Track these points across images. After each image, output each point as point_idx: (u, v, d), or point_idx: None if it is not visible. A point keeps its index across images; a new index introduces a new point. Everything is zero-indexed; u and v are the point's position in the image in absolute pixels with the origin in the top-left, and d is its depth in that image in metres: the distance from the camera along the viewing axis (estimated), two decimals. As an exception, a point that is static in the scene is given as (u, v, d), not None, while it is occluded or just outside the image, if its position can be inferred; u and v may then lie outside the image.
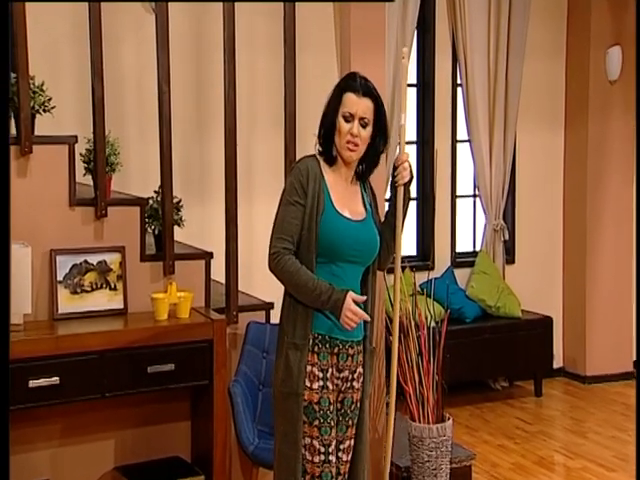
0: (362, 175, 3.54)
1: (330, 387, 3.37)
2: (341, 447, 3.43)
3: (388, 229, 3.55)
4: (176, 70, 4.78)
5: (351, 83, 3.39)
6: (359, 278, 3.47)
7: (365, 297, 3.41)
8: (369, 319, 3.41)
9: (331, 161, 3.44)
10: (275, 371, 3.42)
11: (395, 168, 3.53)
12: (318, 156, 3.44)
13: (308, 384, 3.34)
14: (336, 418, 3.42)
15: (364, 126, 3.37)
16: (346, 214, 3.41)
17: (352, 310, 3.28)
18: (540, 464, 5.58)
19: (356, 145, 3.37)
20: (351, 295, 3.30)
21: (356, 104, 3.36)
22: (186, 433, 4.66)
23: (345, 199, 3.45)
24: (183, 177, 5.55)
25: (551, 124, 7.46)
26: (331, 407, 3.37)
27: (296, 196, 3.32)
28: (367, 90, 3.38)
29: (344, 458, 3.45)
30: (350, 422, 3.48)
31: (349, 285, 3.39)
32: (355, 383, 3.47)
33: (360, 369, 3.49)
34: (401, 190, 3.52)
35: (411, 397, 4.81)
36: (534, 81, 7.32)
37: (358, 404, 3.50)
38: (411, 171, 3.53)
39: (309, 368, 3.34)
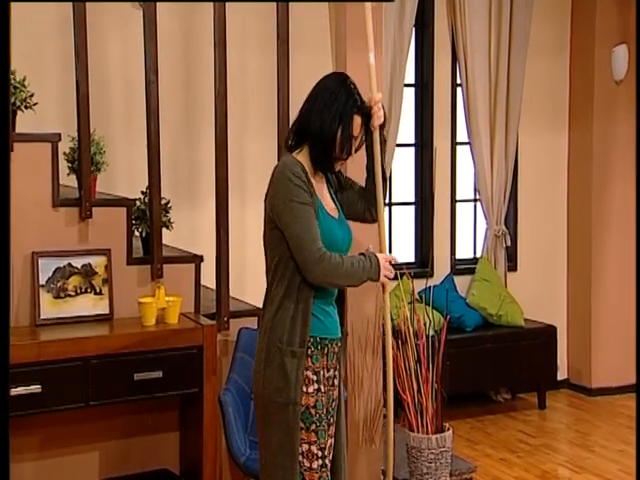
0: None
1: (322, 389, 3.40)
2: None
3: (372, 183, 3.67)
4: (165, 68, 4.79)
5: (361, 105, 3.45)
6: None
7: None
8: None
9: (322, 170, 3.48)
10: (264, 380, 3.37)
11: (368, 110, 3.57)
12: (299, 158, 3.41)
13: (304, 389, 3.35)
14: None
15: None
16: (331, 213, 3.47)
17: (387, 259, 3.49)
18: (544, 478, 5.56)
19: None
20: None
21: (360, 127, 3.48)
22: (174, 444, 4.66)
23: (324, 198, 3.50)
24: (172, 177, 5.52)
25: (554, 125, 7.47)
26: (324, 409, 3.40)
27: (306, 196, 3.30)
28: (366, 112, 3.49)
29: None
30: (332, 420, 3.48)
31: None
32: (335, 380, 3.53)
33: (337, 364, 3.55)
34: (377, 133, 3.60)
35: (409, 406, 4.80)
36: (537, 81, 7.32)
37: (337, 400, 3.54)
38: (385, 112, 3.61)
39: (305, 373, 3.36)
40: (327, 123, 3.36)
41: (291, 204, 3.28)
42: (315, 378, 3.38)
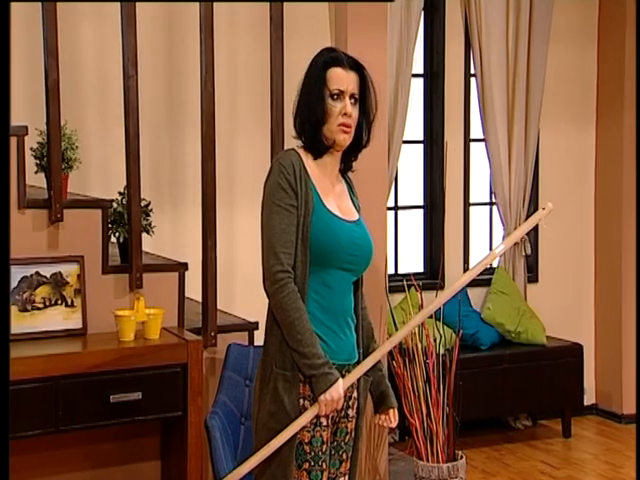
0: (346, 165, 3.54)
1: (324, 423, 3.33)
2: None
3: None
4: (145, 55, 4.81)
5: (335, 56, 3.39)
6: (351, 291, 3.47)
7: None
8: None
9: (319, 152, 3.41)
10: (258, 403, 3.38)
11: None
12: (298, 149, 3.43)
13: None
14: (329, 452, 3.39)
15: (354, 103, 3.39)
16: (337, 213, 3.40)
17: (340, 395, 3.28)
18: (569, 514, 5.58)
19: (349, 126, 3.37)
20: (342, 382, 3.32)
21: (345, 79, 3.36)
22: (155, 474, 4.65)
23: (333, 196, 3.44)
24: (153, 176, 5.56)
25: (580, 120, 7.50)
26: (324, 447, 3.33)
27: (287, 198, 3.29)
28: (354, 63, 3.40)
29: None
30: (344, 456, 3.46)
31: (342, 298, 3.40)
32: (350, 411, 3.45)
33: (355, 394, 3.46)
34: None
35: (418, 432, 4.81)
36: (560, 70, 7.35)
37: (353, 434, 3.49)
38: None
39: (301, 402, 3.30)
40: (305, 92, 3.39)
41: (269, 205, 3.31)
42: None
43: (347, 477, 3.48)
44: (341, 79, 3.36)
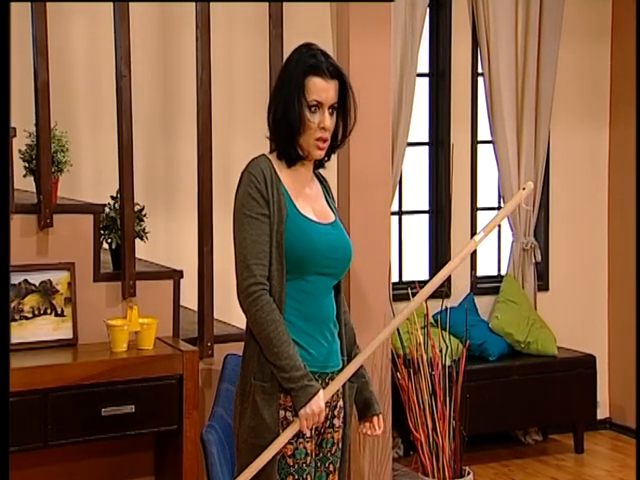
0: (319, 164, 3.57)
1: (307, 434, 3.36)
2: None
3: None
4: (138, 53, 4.82)
5: (314, 63, 3.35)
6: (332, 295, 3.51)
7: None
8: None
9: (292, 161, 3.44)
10: (239, 418, 3.41)
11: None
12: (269, 155, 3.45)
13: (280, 432, 3.32)
14: (314, 465, 3.42)
15: (332, 113, 3.40)
16: (312, 217, 3.44)
17: (321, 408, 3.30)
18: (581, 533, 5.59)
19: (325, 141, 3.40)
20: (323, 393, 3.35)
21: (325, 90, 3.35)
22: (149, 490, 4.68)
23: (308, 200, 3.48)
24: (146, 180, 5.59)
25: (593, 120, 7.51)
26: (308, 459, 3.36)
27: (258, 207, 3.33)
28: (335, 70, 3.38)
29: None
30: (331, 467, 3.50)
31: (322, 303, 3.44)
32: (336, 420, 3.49)
33: (340, 402, 3.50)
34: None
35: (423, 447, 4.82)
36: (572, 68, 7.36)
37: (339, 444, 3.52)
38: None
39: (282, 413, 3.34)
40: (281, 98, 3.39)
41: (240, 215, 3.37)
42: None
43: None
44: (320, 90, 3.35)
